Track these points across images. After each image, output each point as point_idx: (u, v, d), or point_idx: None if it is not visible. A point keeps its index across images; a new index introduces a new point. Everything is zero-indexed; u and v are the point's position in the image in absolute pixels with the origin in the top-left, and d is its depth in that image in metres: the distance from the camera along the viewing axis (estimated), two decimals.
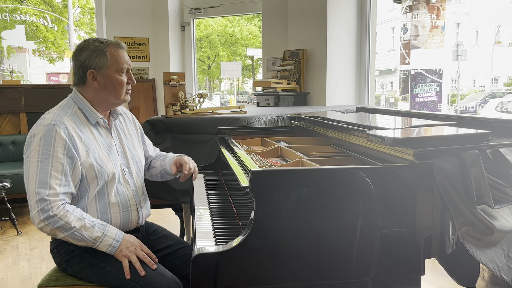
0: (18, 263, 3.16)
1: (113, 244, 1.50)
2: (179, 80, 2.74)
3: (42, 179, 1.43)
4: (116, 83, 1.59)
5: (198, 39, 17.44)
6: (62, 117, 1.52)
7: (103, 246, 1.48)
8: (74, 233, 1.44)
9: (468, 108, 5.42)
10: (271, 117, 2.73)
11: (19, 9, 9.38)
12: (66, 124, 1.51)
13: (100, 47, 1.57)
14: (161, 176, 1.91)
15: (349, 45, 4.88)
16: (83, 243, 1.47)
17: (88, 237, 1.46)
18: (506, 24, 7.12)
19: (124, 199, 1.63)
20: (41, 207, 1.41)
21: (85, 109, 1.60)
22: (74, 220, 1.44)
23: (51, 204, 1.41)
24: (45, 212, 1.41)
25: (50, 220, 1.41)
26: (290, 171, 1.21)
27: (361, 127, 1.61)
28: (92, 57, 1.56)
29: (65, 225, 1.42)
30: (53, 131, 1.46)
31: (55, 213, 1.41)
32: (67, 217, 1.42)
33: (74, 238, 1.45)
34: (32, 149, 1.47)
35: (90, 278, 1.53)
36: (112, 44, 1.59)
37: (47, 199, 1.41)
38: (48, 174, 1.43)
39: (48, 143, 1.45)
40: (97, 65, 1.56)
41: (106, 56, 1.56)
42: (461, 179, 1.23)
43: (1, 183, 3.72)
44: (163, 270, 1.53)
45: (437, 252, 1.27)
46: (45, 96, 4.73)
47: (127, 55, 1.64)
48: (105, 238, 1.49)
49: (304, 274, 1.18)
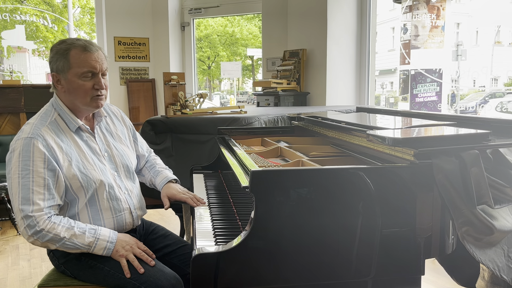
0: (18, 263, 3.16)
1: (107, 246, 1.48)
2: (179, 80, 2.74)
3: (25, 196, 1.39)
4: (78, 88, 1.49)
5: (198, 39, 17.44)
6: (39, 128, 1.47)
7: (98, 250, 1.47)
8: (65, 243, 1.42)
9: (468, 108, 5.42)
10: (271, 117, 2.73)
11: (19, 9, 9.38)
12: (45, 135, 1.45)
13: (62, 49, 1.49)
14: (149, 184, 1.90)
15: (349, 45, 4.88)
16: (78, 251, 1.46)
17: (81, 244, 1.44)
18: (506, 24, 7.12)
19: (116, 203, 1.59)
20: (27, 224, 1.38)
21: (64, 116, 1.54)
22: (62, 230, 1.41)
23: (36, 219, 1.39)
24: (32, 228, 1.38)
25: (38, 235, 1.39)
26: (290, 171, 1.21)
27: (361, 127, 1.61)
28: (54, 60, 1.50)
29: (54, 237, 1.40)
30: (30, 145, 1.41)
31: (42, 227, 1.39)
32: (55, 229, 1.40)
33: (67, 248, 1.44)
34: (12, 165, 1.43)
35: (90, 279, 1.53)
36: (78, 46, 1.49)
37: (31, 215, 1.38)
38: (30, 190, 1.40)
39: (27, 158, 1.41)
40: (57, 68, 1.49)
41: (67, 59, 1.48)
42: (461, 179, 1.23)
43: (1, 183, 3.72)
44: (162, 266, 1.52)
45: (437, 252, 1.27)
46: (45, 96, 4.65)
47: (100, 57, 1.51)
48: (98, 242, 1.47)
49: (304, 274, 1.18)
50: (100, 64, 1.51)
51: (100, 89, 1.52)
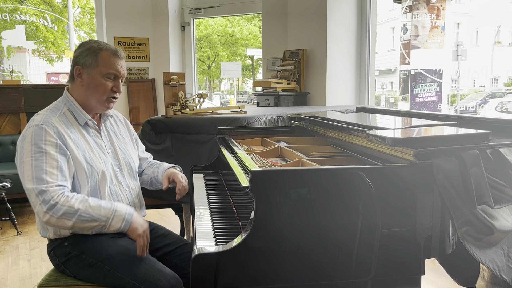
0: (18, 263, 3.16)
1: (126, 217, 1.48)
2: (179, 80, 2.74)
3: (38, 176, 1.43)
4: (98, 86, 1.59)
5: (198, 39, 17.44)
6: (50, 117, 1.53)
7: (116, 223, 1.47)
8: (81, 215, 1.42)
9: (468, 108, 5.42)
10: (271, 117, 2.73)
11: (19, 9, 9.38)
12: (55, 124, 1.52)
13: (94, 47, 1.59)
14: (151, 183, 1.91)
15: (349, 45, 4.88)
16: (94, 224, 1.45)
17: (97, 216, 1.44)
18: (506, 24, 7.12)
19: (117, 199, 1.63)
20: (42, 199, 1.41)
21: (74, 110, 1.61)
22: (76, 203, 1.43)
23: (51, 194, 1.41)
24: (46, 203, 1.40)
25: (53, 209, 1.40)
26: (290, 171, 1.21)
27: (361, 127, 1.61)
28: (83, 55, 1.59)
29: (68, 209, 1.41)
30: (42, 131, 1.48)
31: (56, 201, 1.41)
32: (68, 202, 1.42)
33: (84, 221, 1.43)
34: (24, 150, 1.47)
35: (89, 278, 1.53)
36: (108, 49, 1.60)
37: (46, 189, 1.41)
38: (44, 171, 1.43)
39: (40, 141, 1.46)
40: (84, 63, 1.58)
41: (97, 58, 1.58)
42: (461, 179, 1.23)
43: (1, 183, 3.72)
44: (162, 266, 1.53)
45: (437, 252, 1.27)
46: (45, 96, 4.72)
47: (123, 65, 1.64)
48: (116, 214, 1.47)
49: (304, 274, 1.18)
50: (123, 70, 1.64)
51: (117, 92, 1.63)
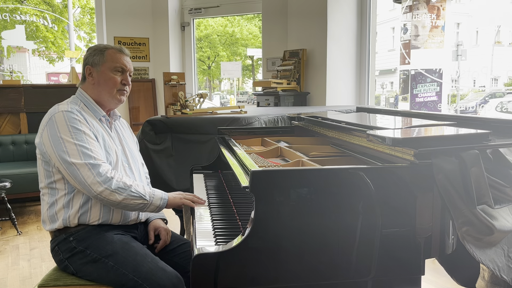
0: (18, 263, 3.16)
1: (163, 196, 1.63)
2: (179, 80, 2.74)
3: (85, 152, 1.53)
4: (108, 80, 1.69)
5: (198, 39, 17.44)
6: (74, 107, 1.64)
7: (157, 200, 1.60)
8: (131, 191, 1.54)
9: (468, 108, 5.43)
10: (271, 117, 2.73)
11: (19, 9, 9.38)
12: (81, 112, 1.64)
13: (101, 47, 1.73)
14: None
15: (349, 45, 4.88)
16: (139, 201, 1.56)
17: (143, 193, 1.57)
18: (506, 24, 7.12)
19: None
20: (97, 172, 1.51)
21: (89, 106, 1.71)
22: (127, 180, 1.57)
23: (104, 168, 1.53)
24: (101, 176, 1.51)
25: (108, 182, 1.51)
26: (290, 171, 1.21)
27: (361, 127, 1.61)
28: (91, 55, 1.71)
29: (123, 185, 1.54)
30: (74, 115, 1.59)
31: (112, 175, 1.53)
32: (122, 178, 1.55)
33: (133, 197, 1.54)
34: (60, 130, 1.55)
35: (92, 274, 1.54)
36: (113, 47, 1.73)
37: (99, 164, 1.52)
38: (88, 149, 1.54)
39: (75, 123, 1.57)
40: (93, 62, 1.70)
41: (103, 55, 1.70)
42: (461, 179, 1.23)
43: (1, 183, 3.72)
44: (164, 265, 1.54)
45: (437, 252, 1.27)
46: (45, 96, 4.72)
47: (129, 61, 1.75)
48: (155, 192, 1.62)
49: (304, 274, 1.18)
50: (130, 65, 1.75)
51: (126, 85, 1.74)
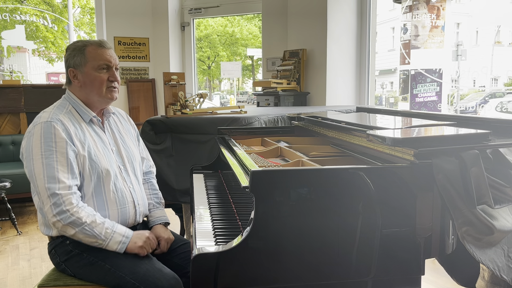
0: (18, 263, 3.16)
1: (122, 240, 1.52)
2: (179, 80, 2.74)
3: (50, 174, 1.45)
4: (94, 80, 1.61)
5: (198, 39, 17.43)
6: (58, 114, 1.55)
7: (113, 244, 1.50)
8: (84, 229, 1.46)
9: (468, 108, 5.43)
10: (271, 117, 2.73)
11: (19, 9, 9.37)
12: (63, 121, 1.53)
13: (79, 46, 1.62)
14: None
15: (349, 45, 4.88)
16: (93, 240, 1.48)
17: (98, 233, 1.48)
18: (506, 24, 7.12)
19: (121, 196, 1.63)
20: (53, 202, 1.43)
21: (78, 108, 1.63)
22: (85, 216, 1.46)
23: (63, 198, 1.44)
24: (57, 207, 1.43)
25: (62, 215, 1.43)
26: (290, 171, 1.21)
27: (361, 127, 1.61)
28: (71, 56, 1.62)
29: (76, 220, 1.44)
30: (51, 128, 1.50)
31: (68, 208, 1.44)
32: (78, 213, 1.45)
33: (85, 234, 1.47)
34: (33, 147, 1.48)
35: (89, 277, 1.54)
36: (92, 43, 1.63)
37: (58, 193, 1.44)
38: (55, 169, 1.45)
39: (49, 139, 1.48)
40: (75, 63, 1.61)
41: (84, 55, 1.60)
42: (461, 179, 1.23)
43: (1, 183, 3.72)
44: (162, 266, 1.53)
45: (437, 252, 1.27)
46: (45, 96, 4.72)
47: (112, 54, 1.65)
48: (115, 235, 1.51)
49: (304, 274, 1.18)
50: (114, 59, 1.65)
51: (114, 81, 1.64)
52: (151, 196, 1.86)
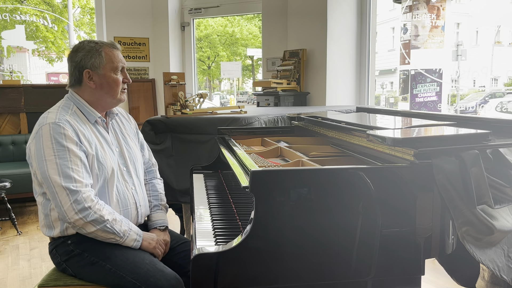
0: (18, 263, 3.16)
1: (137, 239, 1.56)
2: (179, 80, 2.74)
3: (66, 174, 1.45)
4: (112, 82, 1.62)
5: (198, 39, 17.43)
6: (64, 115, 1.55)
7: (130, 241, 1.54)
8: (105, 226, 1.48)
9: (468, 108, 5.43)
10: (271, 117, 2.73)
11: (19, 9, 9.37)
12: (70, 122, 1.53)
13: (95, 47, 1.61)
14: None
15: (349, 45, 4.88)
16: (111, 237, 1.50)
17: (118, 231, 1.50)
18: (506, 24, 7.12)
19: (123, 197, 1.64)
20: (74, 199, 1.43)
21: (83, 109, 1.63)
22: (106, 213, 1.48)
23: (83, 195, 1.44)
24: (79, 204, 1.43)
25: (85, 212, 1.44)
26: (290, 171, 1.21)
27: (361, 127, 1.61)
28: (87, 57, 1.60)
29: (99, 218, 1.46)
30: (60, 128, 1.49)
31: (90, 205, 1.45)
32: (101, 211, 1.47)
33: (105, 231, 1.48)
34: (44, 148, 1.47)
35: (90, 277, 1.54)
36: (106, 44, 1.64)
37: (78, 190, 1.44)
38: (70, 169, 1.46)
39: (60, 139, 1.48)
40: (92, 65, 1.60)
41: (101, 56, 1.60)
42: (461, 179, 1.23)
43: (1, 183, 3.72)
44: (163, 266, 1.53)
45: (437, 252, 1.27)
46: (45, 96, 4.72)
47: (121, 55, 1.68)
48: (131, 232, 1.55)
49: (304, 274, 1.18)
50: (124, 60, 1.69)
51: (128, 82, 1.68)
52: (150, 198, 1.86)
